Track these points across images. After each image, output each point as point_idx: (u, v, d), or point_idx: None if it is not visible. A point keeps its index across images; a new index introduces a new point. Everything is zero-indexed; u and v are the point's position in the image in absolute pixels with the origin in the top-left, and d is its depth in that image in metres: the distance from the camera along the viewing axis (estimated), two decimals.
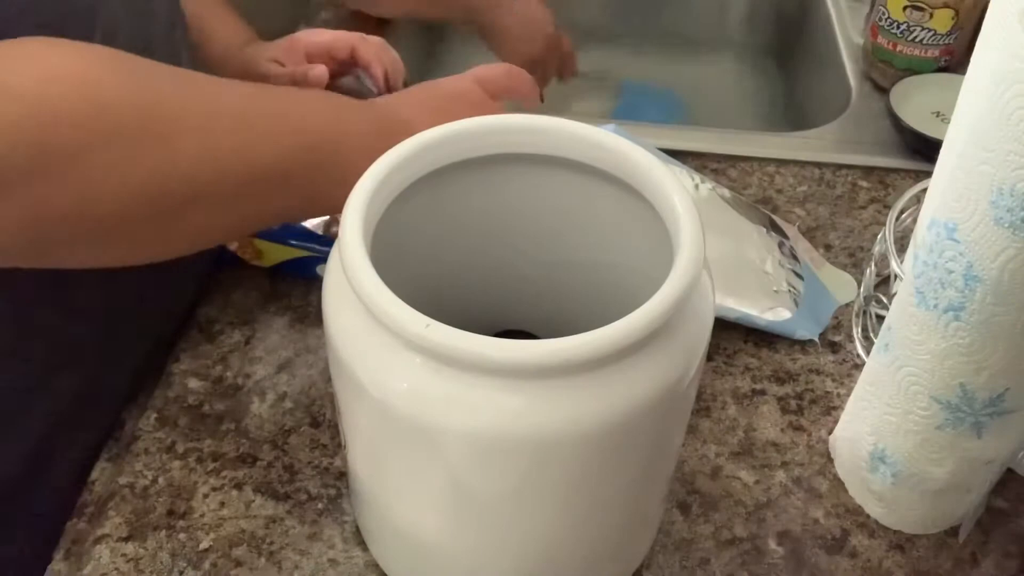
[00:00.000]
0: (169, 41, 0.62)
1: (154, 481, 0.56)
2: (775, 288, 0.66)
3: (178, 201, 0.46)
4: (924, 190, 0.59)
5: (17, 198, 0.40)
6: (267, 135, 0.49)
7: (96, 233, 0.45)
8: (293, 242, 0.66)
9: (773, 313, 0.64)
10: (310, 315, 0.66)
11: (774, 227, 0.71)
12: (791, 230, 0.72)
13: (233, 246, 0.67)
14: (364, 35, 0.76)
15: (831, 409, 0.61)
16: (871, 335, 0.64)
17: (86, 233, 0.44)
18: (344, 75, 0.76)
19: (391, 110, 0.57)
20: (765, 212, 0.73)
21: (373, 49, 0.75)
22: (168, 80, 0.47)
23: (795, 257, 0.69)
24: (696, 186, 0.72)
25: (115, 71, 0.44)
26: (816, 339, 0.65)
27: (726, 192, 0.72)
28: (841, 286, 0.69)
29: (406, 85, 0.77)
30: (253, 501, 0.56)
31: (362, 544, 0.54)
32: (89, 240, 0.45)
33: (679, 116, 1.10)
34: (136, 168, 0.43)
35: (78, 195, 0.42)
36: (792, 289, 0.66)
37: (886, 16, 0.83)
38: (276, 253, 0.66)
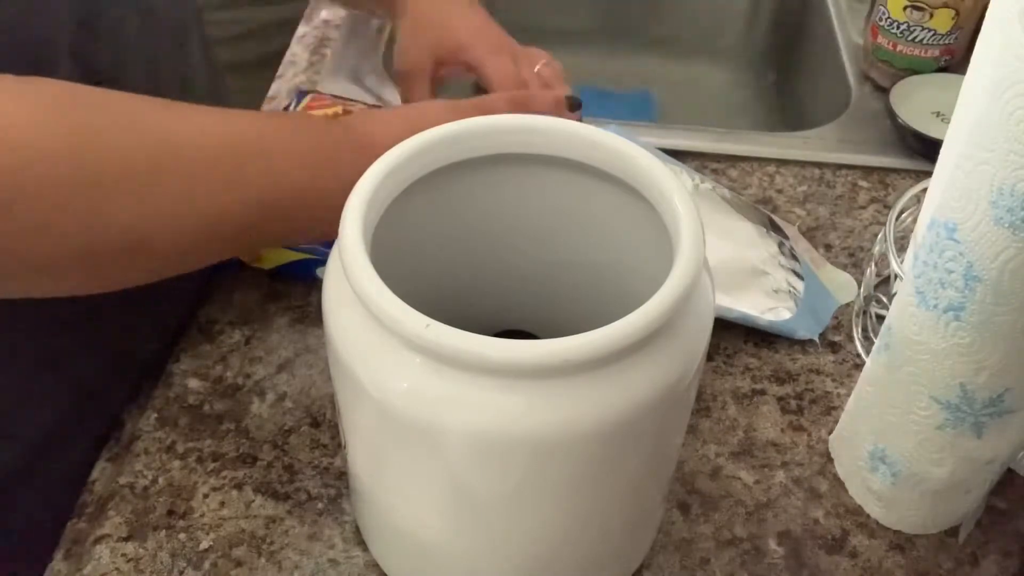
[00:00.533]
0: (180, 54, 0.61)
1: (154, 481, 0.56)
2: (775, 288, 0.66)
3: (117, 250, 0.43)
4: (924, 190, 0.59)
5: None
6: (225, 186, 0.45)
7: (33, 272, 0.43)
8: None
9: (773, 313, 0.64)
10: (310, 315, 0.66)
11: (774, 227, 0.71)
12: (791, 230, 0.72)
13: None
14: (527, 69, 0.65)
15: (831, 409, 0.61)
16: (871, 335, 0.64)
17: (24, 271, 0.42)
18: None
19: (377, 143, 0.51)
20: (765, 212, 0.73)
21: (508, 81, 0.64)
22: (115, 123, 0.43)
23: (795, 257, 0.69)
24: (696, 186, 0.72)
25: (50, 117, 0.41)
26: (816, 339, 0.65)
27: (726, 192, 0.72)
28: (841, 286, 0.69)
29: None
30: (253, 501, 0.56)
31: (362, 544, 0.54)
32: (29, 277, 0.43)
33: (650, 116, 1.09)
34: (66, 219, 0.41)
35: (9, 240, 0.40)
36: (792, 289, 0.66)
37: (886, 16, 0.83)
38: (276, 256, 0.66)
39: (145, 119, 0.45)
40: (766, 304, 0.65)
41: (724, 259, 0.66)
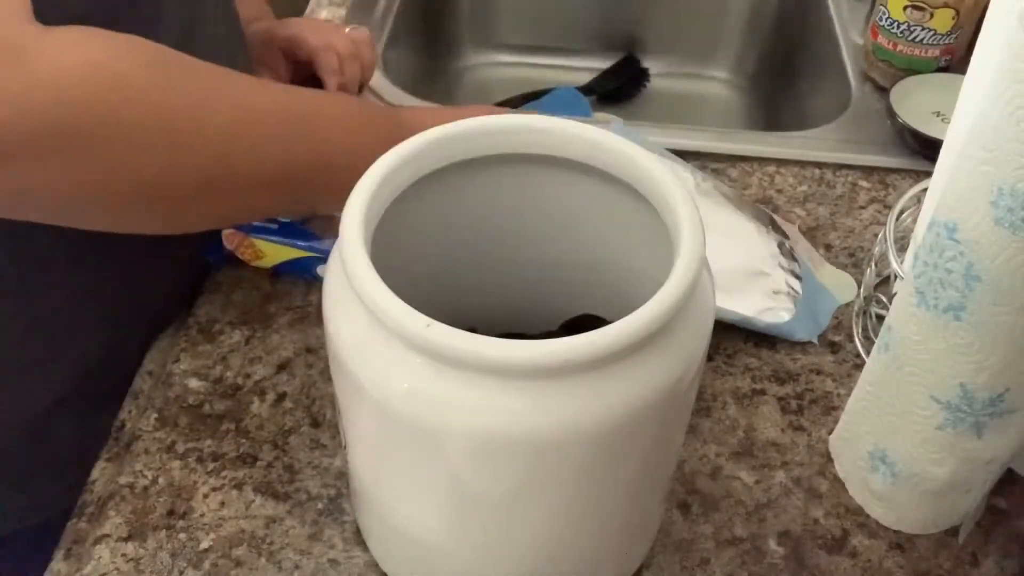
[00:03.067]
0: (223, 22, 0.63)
1: (154, 481, 0.56)
2: (774, 289, 0.66)
3: (182, 194, 0.48)
4: (924, 190, 0.59)
5: (19, 170, 0.42)
6: (285, 143, 0.52)
7: (89, 210, 0.47)
8: (294, 242, 0.66)
9: (772, 315, 0.64)
10: (310, 315, 0.66)
11: (774, 227, 0.71)
12: (791, 230, 0.72)
13: (233, 246, 0.67)
14: (340, 37, 0.74)
15: (831, 409, 0.61)
16: (871, 335, 0.64)
17: (78, 209, 0.47)
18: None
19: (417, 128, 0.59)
20: (766, 211, 0.73)
21: (334, 61, 0.74)
22: (199, 80, 0.49)
23: (794, 257, 0.69)
24: (697, 184, 0.72)
25: (147, 67, 0.46)
26: (815, 340, 0.65)
27: (727, 190, 0.72)
28: (841, 286, 0.69)
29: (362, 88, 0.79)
30: (253, 501, 0.56)
31: (362, 544, 0.54)
32: (80, 213, 0.48)
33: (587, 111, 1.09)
34: (148, 161, 0.46)
35: (82, 178, 0.45)
36: (791, 290, 0.66)
37: (886, 16, 0.83)
38: (277, 253, 0.66)
39: (222, 78, 0.50)
40: (765, 305, 0.65)
41: (724, 260, 0.65)
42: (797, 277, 0.68)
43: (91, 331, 0.62)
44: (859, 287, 0.68)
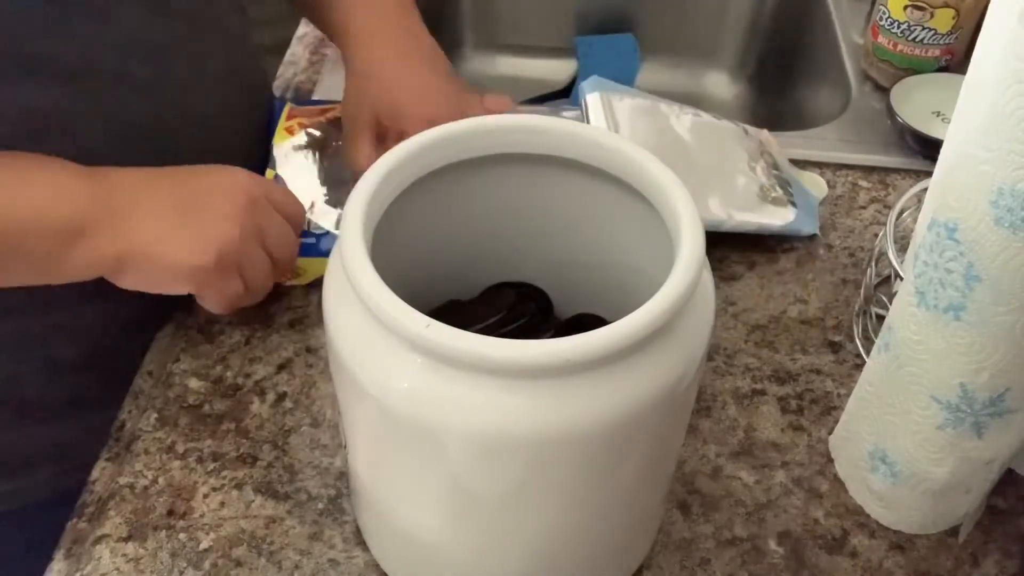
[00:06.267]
0: (195, 40, 0.62)
1: (154, 481, 0.56)
2: (773, 195, 0.70)
3: None
4: (924, 190, 0.59)
5: None
6: None
7: None
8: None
9: (780, 216, 0.69)
10: (310, 315, 0.66)
11: (761, 150, 0.75)
12: (764, 135, 0.76)
13: None
14: (449, 112, 0.56)
15: (831, 409, 0.61)
16: (871, 335, 0.64)
17: None
18: None
19: (119, 212, 0.53)
20: (739, 124, 0.76)
21: None
22: None
23: (779, 167, 0.74)
24: (678, 116, 0.72)
25: None
26: (817, 232, 0.70)
27: (706, 116, 0.75)
28: (815, 186, 0.76)
29: None
30: (253, 501, 0.56)
31: (362, 544, 0.54)
32: None
33: (635, 60, 1.10)
34: None
35: None
36: (786, 192, 0.71)
37: (887, 15, 0.83)
38: (317, 268, 0.65)
39: None
40: (771, 210, 0.69)
41: (725, 177, 0.69)
42: (788, 184, 0.73)
43: (89, 331, 0.62)
44: (859, 288, 0.68)
